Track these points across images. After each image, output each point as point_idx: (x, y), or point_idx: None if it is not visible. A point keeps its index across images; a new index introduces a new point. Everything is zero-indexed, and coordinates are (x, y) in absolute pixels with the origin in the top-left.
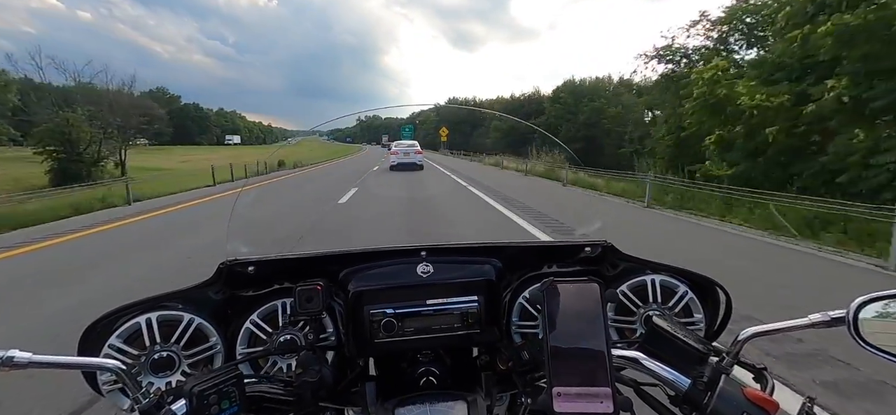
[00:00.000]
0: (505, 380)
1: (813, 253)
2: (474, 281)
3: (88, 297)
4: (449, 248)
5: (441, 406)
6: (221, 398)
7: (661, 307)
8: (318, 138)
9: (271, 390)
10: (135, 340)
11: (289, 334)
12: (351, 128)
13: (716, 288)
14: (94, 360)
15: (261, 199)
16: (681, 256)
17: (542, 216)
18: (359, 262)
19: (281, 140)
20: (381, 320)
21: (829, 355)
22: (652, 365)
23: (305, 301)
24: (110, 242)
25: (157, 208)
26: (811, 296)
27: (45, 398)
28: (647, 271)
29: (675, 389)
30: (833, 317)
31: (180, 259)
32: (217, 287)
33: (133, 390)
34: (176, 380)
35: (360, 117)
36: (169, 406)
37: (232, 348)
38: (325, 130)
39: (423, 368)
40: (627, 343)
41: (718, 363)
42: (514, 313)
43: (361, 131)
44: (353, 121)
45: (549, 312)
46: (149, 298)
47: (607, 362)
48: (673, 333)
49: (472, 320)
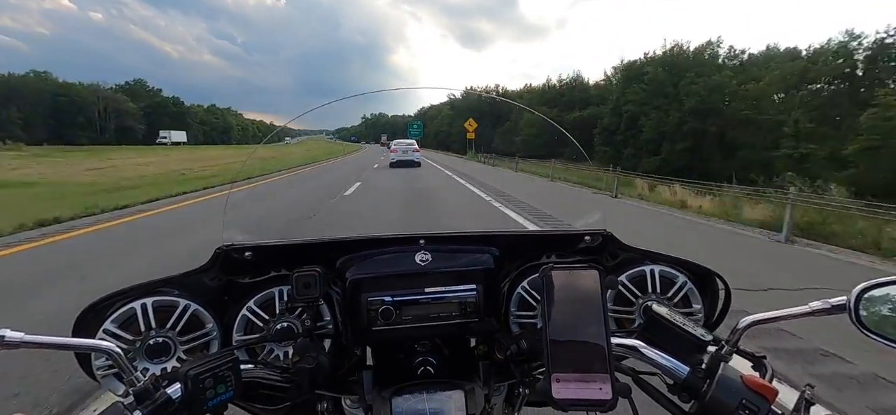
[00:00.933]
0: (503, 370)
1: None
2: (473, 270)
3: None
4: (448, 236)
5: (438, 395)
6: (217, 383)
7: (660, 297)
8: (325, 137)
9: (268, 377)
10: (130, 325)
11: (286, 321)
12: (356, 127)
13: (715, 279)
14: (87, 341)
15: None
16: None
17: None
18: (357, 249)
19: (282, 140)
20: (379, 307)
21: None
22: (651, 353)
23: (303, 288)
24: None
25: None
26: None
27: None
28: (646, 261)
29: (674, 377)
30: (833, 304)
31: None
32: (213, 273)
33: (127, 373)
34: (171, 366)
35: (366, 115)
36: (164, 390)
37: (228, 335)
38: (321, 128)
39: (421, 357)
40: (626, 332)
41: (717, 351)
42: (513, 303)
43: (367, 129)
44: (359, 119)
45: (548, 299)
46: (145, 283)
47: (606, 350)
48: (672, 321)
49: (471, 308)
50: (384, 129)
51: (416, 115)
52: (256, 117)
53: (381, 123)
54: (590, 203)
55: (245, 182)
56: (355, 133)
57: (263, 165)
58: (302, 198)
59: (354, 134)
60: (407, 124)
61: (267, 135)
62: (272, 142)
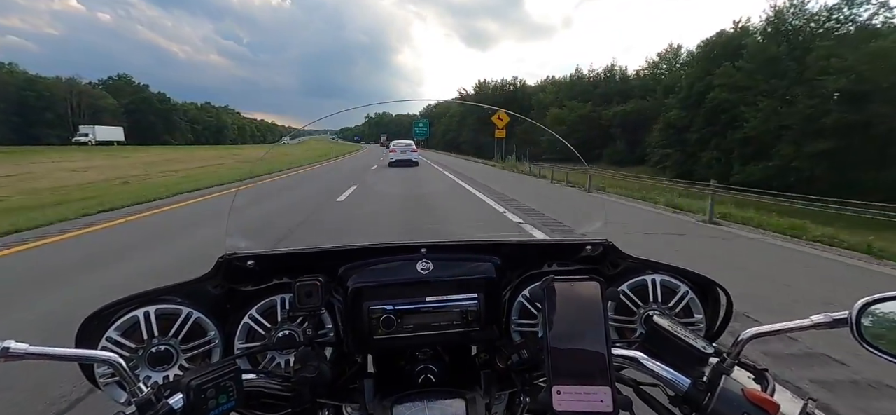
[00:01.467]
0: (504, 379)
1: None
2: (474, 279)
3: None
4: (449, 245)
5: (439, 404)
6: (219, 393)
7: (661, 307)
8: (329, 137)
9: (269, 386)
10: (133, 333)
11: (287, 329)
12: (360, 127)
13: (716, 289)
14: (91, 352)
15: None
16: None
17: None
18: (358, 258)
19: (275, 140)
20: (381, 316)
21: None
22: (652, 365)
23: (304, 296)
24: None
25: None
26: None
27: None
28: (647, 271)
29: (675, 389)
30: (835, 318)
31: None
32: (216, 281)
33: (130, 383)
34: (173, 374)
35: (369, 115)
36: (166, 400)
37: (230, 343)
38: (318, 128)
39: (422, 365)
40: (627, 343)
41: (719, 364)
42: (514, 312)
43: (371, 129)
44: (362, 119)
45: (550, 310)
46: (147, 292)
47: (607, 360)
48: (673, 333)
49: (472, 317)
50: (388, 128)
51: (422, 112)
52: (261, 117)
53: (384, 123)
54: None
55: (246, 181)
56: (358, 133)
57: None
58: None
59: (358, 134)
60: (411, 123)
61: (265, 134)
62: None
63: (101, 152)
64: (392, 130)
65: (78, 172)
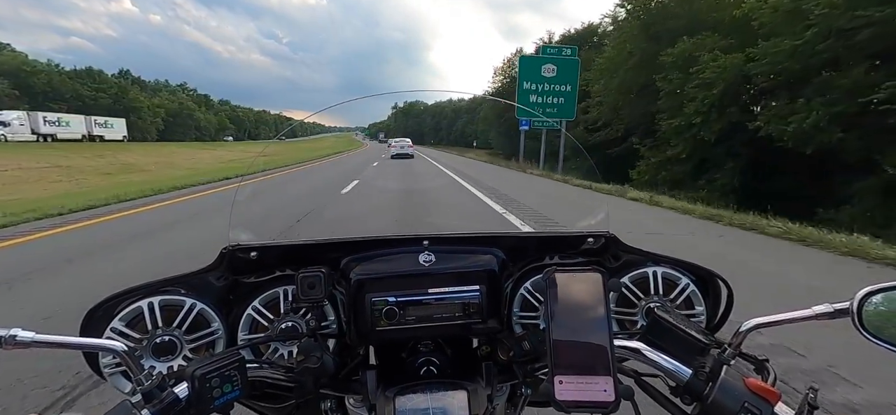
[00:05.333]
0: (505, 370)
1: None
2: (476, 271)
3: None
4: (451, 237)
5: (441, 395)
6: (223, 382)
7: (662, 299)
8: (354, 135)
9: (273, 376)
10: (137, 324)
11: (290, 320)
12: (384, 122)
13: (717, 281)
14: (96, 341)
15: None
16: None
17: None
18: (361, 250)
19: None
20: (383, 307)
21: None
22: (653, 356)
23: (307, 288)
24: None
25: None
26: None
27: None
28: (648, 263)
29: (677, 379)
30: (836, 308)
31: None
32: (219, 273)
33: (135, 372)
34: (177, 364)
35: (398, 104)
36: (171, 389)
37: (233, 334)
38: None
39: (424, 357)
40: (629, 335)
41: (720, 354)
42: (516, 304)
43: (397, 121)
44: (388, 112)
45: (552, 301)
46: (151, 283)
47: (609, 352)
48: (674, 324)
49: (474, 309)
50: (418, 119)
51: (459, 109)
52: (301, 116)
53: (414, 113)
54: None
55: (247, 176)
56: (385, 128)
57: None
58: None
59: (383, 129)
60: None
61: (306, 131)
62: (289, 136)
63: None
64: (379, 132)
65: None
